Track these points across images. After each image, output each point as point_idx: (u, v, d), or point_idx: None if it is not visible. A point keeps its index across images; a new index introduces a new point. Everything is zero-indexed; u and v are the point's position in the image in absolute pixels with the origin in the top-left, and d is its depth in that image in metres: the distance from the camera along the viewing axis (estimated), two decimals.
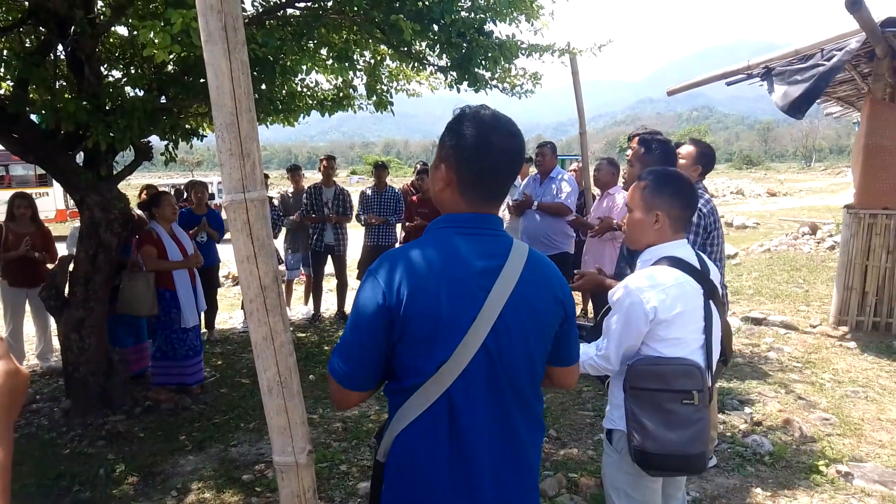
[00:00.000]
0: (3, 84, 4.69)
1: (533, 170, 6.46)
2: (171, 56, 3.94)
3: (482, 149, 1.39)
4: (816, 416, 4.33)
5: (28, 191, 6.62)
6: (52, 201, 17.06)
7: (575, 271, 2.99)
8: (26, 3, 4.11)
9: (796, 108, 5.52)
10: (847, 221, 6.41)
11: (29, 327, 6.01)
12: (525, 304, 1.39)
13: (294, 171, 7.88)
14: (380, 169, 7.59)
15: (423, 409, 1.37)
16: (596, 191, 5.90)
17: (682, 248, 2.11)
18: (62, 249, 5.66)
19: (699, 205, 3.30)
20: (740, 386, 4.88)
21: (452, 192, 1.44)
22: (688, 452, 1.95)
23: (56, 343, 5.25)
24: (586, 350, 2.14)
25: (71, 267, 4.56)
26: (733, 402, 4.55)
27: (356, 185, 39.99)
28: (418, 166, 8.40)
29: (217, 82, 1.59)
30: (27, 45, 4.64)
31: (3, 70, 4.20)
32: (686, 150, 3.55)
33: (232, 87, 1.59)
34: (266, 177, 4.84)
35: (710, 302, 2.07)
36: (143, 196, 6.34)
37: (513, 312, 1.38)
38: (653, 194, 2.12)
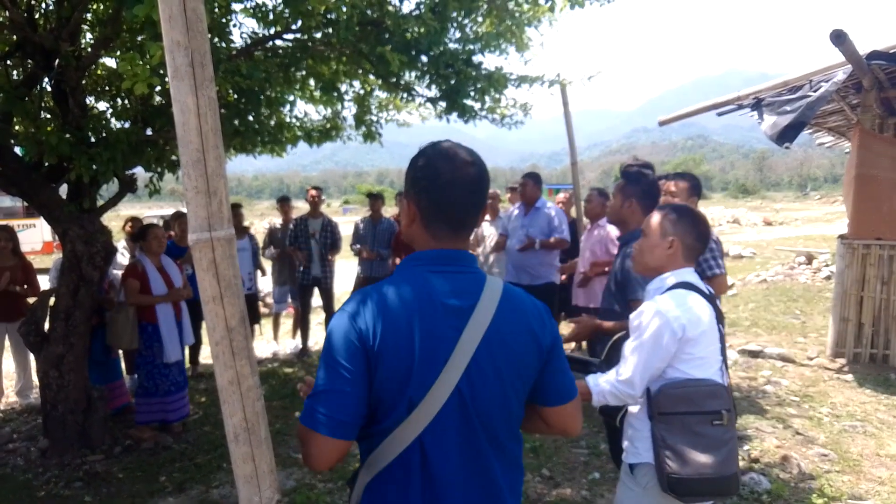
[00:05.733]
0: None
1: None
2: (157, 88, 3.92)
3: (436, 180, 1.36)
4: (815, 452, 4.23)
5: (15, 223, 6.54)
6: (39, 233, 16.97)
7: (570, 320, 2.96)
8: (14, 37, 4.10)
9: (784, 137, 5.53)
10: (841, 252, 6.37)
11: (9, 363, 5.87)
12: (500, 344, 1.34)
13: (284, 203, 7.59)
14: (374, 199, 7.40)
15: (393, 456, 1.32)
16: (586, 221, 5.87)
17: (692, 275, 2.17)
18: (46, 282, 5.56)
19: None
20: (738, 421, 4.76)
21: (418, 226, 1.41)
22: (722, 474, 1.95)
23: (36, 379, 5.12)
24: (606, 379, 2.12)
25: (52, 301, 4.46)
26: None
27: (349, 216, 39.98)
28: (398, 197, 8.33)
29: (183, 119, 1.53)
30: (13, 77, 4.62)
31: None
32: (680, 185, 3.70)
33: (199, 123, 1.54)
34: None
35: (720, 325, 2.13)
36: (128, 228, 6.27)
37: (487, 353, 1.32)
38: (671, 222, 2.20)
